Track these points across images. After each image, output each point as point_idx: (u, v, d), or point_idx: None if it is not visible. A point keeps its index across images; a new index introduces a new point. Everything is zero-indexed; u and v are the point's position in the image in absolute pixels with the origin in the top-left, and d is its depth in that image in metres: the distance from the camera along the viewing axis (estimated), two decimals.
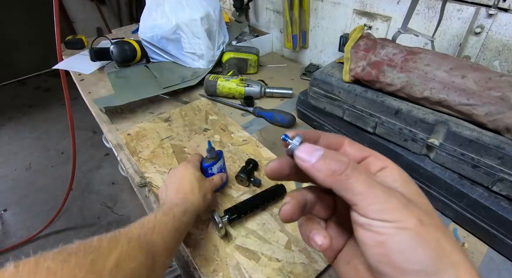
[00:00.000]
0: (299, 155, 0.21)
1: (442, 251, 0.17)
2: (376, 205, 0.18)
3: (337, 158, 0.20)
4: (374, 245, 0.18)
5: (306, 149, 0.21)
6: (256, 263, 0.49)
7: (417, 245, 0.17)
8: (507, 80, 0.47)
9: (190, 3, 0.96)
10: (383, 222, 0.18)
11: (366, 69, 0.59)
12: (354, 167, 0.20)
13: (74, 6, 2.99)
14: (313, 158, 0.21)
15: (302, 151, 0.21)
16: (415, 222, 0.18)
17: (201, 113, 0.85)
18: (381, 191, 0.19)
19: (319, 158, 0.20)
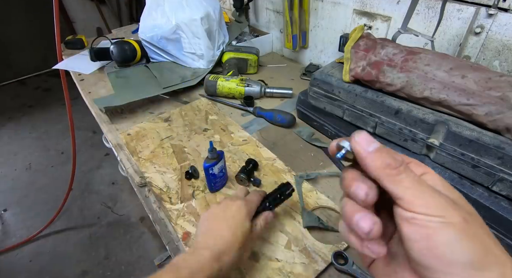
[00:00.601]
0: (358, 140, 0.22)
1: (487, 248, 0.18)
2: (422, 200, 0.19)
3: (391, 154, 0.21)
4: (419, 239, 0.18)
5: (365, 137, 0.22)
6: (256, 263, 0.49)
7: (462, 239, 0.17)
8: (507, 80, 0.47)
9: (190, 3, 0.96)
10: (429, 216, 0.18)
11: (366, 69, 0.59)
12: (406, 166, 0.21)
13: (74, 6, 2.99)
14: (370, 147, 0.21)
15: (361, 138, 0.22)
16: (459, 219, 0.18)
17: (201, 113, 0.85)
18: (428, 189, 0.19)
19: (376, 149, 0.21)
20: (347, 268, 0.48)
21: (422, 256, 0.19)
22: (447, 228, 0.18)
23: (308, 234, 0.53)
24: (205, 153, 0.70)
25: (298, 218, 0.56)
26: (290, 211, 0.57)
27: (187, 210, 0.58)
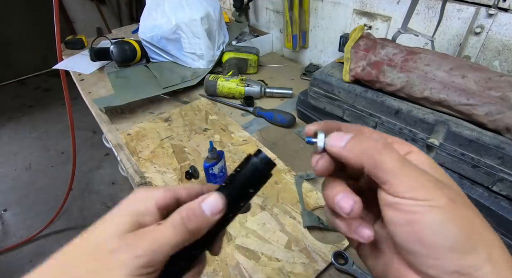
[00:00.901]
0: (330, 142, 0.21)
1: (474, 229, 0.17)
2: (406, 183, 0.18)
3: (367, 139, 0.20)
4: (404, 224, 0.18)
5: (336, 136, 0.21)
6: (256, 263, 0.49)
7: (448, 222, 0.17)
8: (507, 80, 0.47)
9: (190, 3, 0.96)
10: (413, 200, 0.17)
11: (366, 69, 0.59)
12: (386, 144, 0.20)
13: (74, 6, 2.99)
14: (342, 142, 0.21)
15: (332, 139, 0.21)
16: (446, 201, 0.17)
17: (201, 113, 0.85)
18: (412, 170, 0.18)
19: (350, 139, 0.21)
20: (347, 268, 0.48)
21: (406, 241, 0.18)
22: (433, 212, 0.17)
23: (308, 234, 0.53)
24: (205, 152, 0.70)
25: (298, 218, 0.56)
26: (290, 211, 0.57)
27: None
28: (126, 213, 0.22)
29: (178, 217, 0.22)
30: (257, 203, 0.59)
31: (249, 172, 0.24)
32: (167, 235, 0.21)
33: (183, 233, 0.21)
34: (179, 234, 0.21)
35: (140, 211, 0.22)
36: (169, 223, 0.22)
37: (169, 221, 0.22)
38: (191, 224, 0.22)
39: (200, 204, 0.23)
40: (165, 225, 0.22)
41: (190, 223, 0.22)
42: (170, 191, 0.24)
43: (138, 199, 0.23)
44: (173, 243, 0.21)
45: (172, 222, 0.22)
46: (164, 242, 0.21)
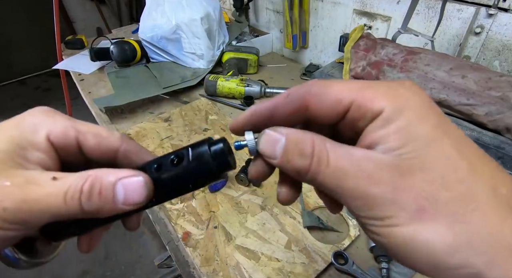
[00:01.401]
0: (263, 152, 0.18)
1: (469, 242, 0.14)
2: (356, 201, 0.15)
3: (299, 150, 0.17)
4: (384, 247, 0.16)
5: (266, 142, 0.18)
6: (256, 263, 0.49)
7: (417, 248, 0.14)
8: (507, 80, 0.47)
9: (190, 3, 0.96)
10: (372, 220, 0.15)
11: (366, 69, 0.59)
12: (320, 154, 0.16)
13: (74, 6, 2.99)
14: (277, 153, 0.17)
15: (264, 147, 0.18)
16: (409, 214, 0.14)
17: (201, 113, 0.85)
18: (356, 183, 0.15)
19: (282, 153, 0.17)
20: (347, 268, 0.48)
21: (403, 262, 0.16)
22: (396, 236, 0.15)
23: (308, 234, 0.53)
24: None
25: (298, 218, 0.56)
26: (290, 211, 0.57)
27: (187, 210, 0.58)
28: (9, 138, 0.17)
29: (76, 189, 0.16)
30: (257, 203, 0.59)
31: (196, 164, 0.19)
32: (53, 202, 0.16)
33: (75, 210, 0.16)
34: (70, 209, 0.16)
35: (28, 142, 0.17)
36: (61, 190, 0.16)
37: (62, 187, 0.16)
38: (90, 206, 0.17)
39: (115, 185, 0.17)
40: (56, 189, 0.16)
41: (89, 204, 0.17)
42: (73, 129, 0.19)
43: (30, 124, 0.18)
44: (56, 213, 0.16)
45: (66, 191, 0.16)
46: (45, 208, 0.16)
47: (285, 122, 0.19)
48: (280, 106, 0.19)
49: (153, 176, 0.18)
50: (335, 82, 0.17)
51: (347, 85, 0.17)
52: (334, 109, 0.17)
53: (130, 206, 0.17)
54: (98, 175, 0.17)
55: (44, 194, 0.16)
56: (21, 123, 0.18)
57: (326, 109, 0.17)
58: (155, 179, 0.18)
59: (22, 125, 0.18)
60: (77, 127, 0.19)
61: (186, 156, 0.19)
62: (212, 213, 0.57)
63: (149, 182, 0.18)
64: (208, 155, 0.19)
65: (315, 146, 0.16)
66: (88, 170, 0.17)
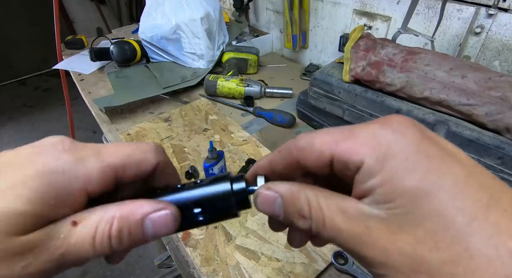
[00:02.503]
0: (263, 212, 0.18)
1: None
2: (356, 258, 0.16)
3: (298, 211, 0.17)
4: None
5: (264, 202, 0.18)
6: (256, 263, 0.49)
7: None
8: (507, 80, 0.47)
9: (190, 3, 0.96)
10: (376, 275, 0.15)
11: (366, 69, 0.59)
12: (316, 215, 0.16)
13: (74, 6, 2.99)
14: (276, 212, 0.18)
15: (262, 207, 0.18)
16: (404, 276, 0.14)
17: (201, 113, 0.85)
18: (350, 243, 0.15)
19: (283, 214, 0.17)
20: (347, 268, 0.48)
21: None
22: None
23: None
24: (205, 153, 0.70)
25: None
26: None
27: None
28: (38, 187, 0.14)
29: (105, 235, 0.15)
30: None
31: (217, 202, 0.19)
32: (80, 251, 0.15)
33: (105, 252, 0.16)
34: (100, 252, 0.16)
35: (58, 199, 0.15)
36: (87, 237, 0.15)
37: (88, 233, 0.15)
38: (120, 246, 0.16)
39: (143, 222, 0.16)
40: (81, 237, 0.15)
41: (120, 245, 0.16)
42: (110, 171, 0.17)
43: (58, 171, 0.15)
44: (85, 258, 0.16)
45: (93, 237, 0.15)
46: (73, 259, 0.15)
47: (284, 175, 0.19)
48: (274, 163, 0.19)
49: (178, 205, 0.19)
50: (319, 133, 0.17)
51: (328, 136, 0.16)
52: (319, 162, 0.17)
53: (159, 237, 0.18)
54: (123, 215, 0.16)
55: (69, 245, 0.15)
56: (45, 171, 0.15)
57: (313, 163, 0.17)
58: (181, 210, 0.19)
59: (47, 174, 0.15)
60: (112, 164, 0.17)
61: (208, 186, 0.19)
62: None
63: (177, 214, 0.18)
64: (229, 193, 0.19)
65: (311, 204, 0.16)
66: (109, 207, 0.16)
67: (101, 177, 0.16)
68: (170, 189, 0.19)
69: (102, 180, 0.16)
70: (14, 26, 2.85)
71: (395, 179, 0.14)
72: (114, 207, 0.16)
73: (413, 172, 0.14)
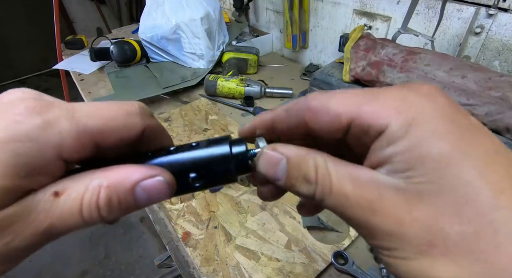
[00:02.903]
0: (264, 173, 0.17)
1: None
2: (360, 229, 0.15)
3: (303, 175, 0.15)
4: None
5: (266, 163, 0.17)
6: (256, 263, 0.49)
7: None
8: (507, 80, 0.47)
9: (190, 3, 0.96)
10: (379, 248, 0.14)
11: (366, 69, 0.59)
12: (323, 180, 0.15)
13: (74, 6, 2.99)
14: (279, 175, 0.16)
15: (264, 168, 0.17)
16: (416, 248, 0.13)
17: (201, 113, 0.85)
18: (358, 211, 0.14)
19: (285, 177, 0.16)
20: (347, 268, 0.48)
21: None
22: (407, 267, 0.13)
23: (308, 234, 0.53)
24: None
25: (298, 218, 0.56)
26: (290, 211, 0.57)
27: (187, 210, 0.58)
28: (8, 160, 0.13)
29: (92, 207, 0.14)
30: (257, 203, 0.59)
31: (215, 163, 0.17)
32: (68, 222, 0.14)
33: (96, 221, 0.15)
34: (90, 222, 0.14)
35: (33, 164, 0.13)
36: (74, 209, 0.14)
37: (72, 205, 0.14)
38: (112, 215, 0.15)
39: (133, 190, 0.15)
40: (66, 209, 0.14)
41: (111, 214, 0.15)
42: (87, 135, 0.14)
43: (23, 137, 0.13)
44: (75, 228, 0.15)
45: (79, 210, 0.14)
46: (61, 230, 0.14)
47: (287, 136, 0.18)
48: (278, 121, 0.18)
49: (172, 168, 0.17)
50: (336, 95, 0.15)
51: (347, 98, 0.15)
52: (334, 126, 0.15)
53: (153, 204, 0.16)
54: (111, 184, 0.14)
55: (54, 217, 0.14)
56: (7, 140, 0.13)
57: (326, 126, 0.16)
58: (174, 171, 0.17)
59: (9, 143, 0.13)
60: (89, 129, 0.14)
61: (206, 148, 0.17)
62: (212, 213, 0.57)
63: (171, 180, 0.16)
64: (229, 156, 0.17)
65: (318, 169, 0.15)
66: (94, 174, 0.15)
67: (76, 143, 0.14)
68: (163, 152, 0.17)
69: (78, 146, 0.14)
70: (14, 26, 2.85)
71: (420, 146, 0.13)
72: (100, 173, 0.15)
73: (442, 139, 0.13)
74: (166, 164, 0.17)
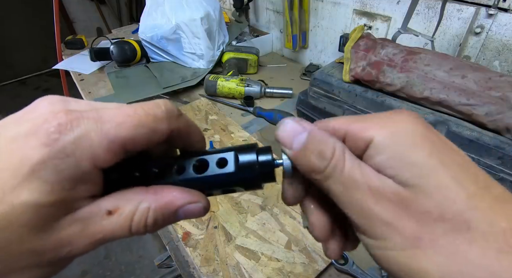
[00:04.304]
0: (279, 137, 0.18)
1: None
2: (358, 214, 0.16)
3: (319, 150, 0.16)
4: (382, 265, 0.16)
5: (289, 128, 0.18)
6: (256, 263, 0.49)
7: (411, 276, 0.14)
8: (507, 80, 0.47)
9: (190, 3, 0.96)
10: (368, 238, 0.16)
11: (366, 69, 0.59)
12: (338, 160, 0.16)
13: (74, 6, 2.99)
14: (294, 144, 0.17)
15: (283, 130, 0.18)
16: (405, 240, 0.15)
17: (201, 113, 0.85)
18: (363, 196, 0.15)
19: (301, 145, 0.17)
20: (347, 268, 0.48)
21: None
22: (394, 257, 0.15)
23: (308, 234, 0.53)
24: None
25: (298, 218, 0.56)
26: (290, 211, 0.57)
27: None
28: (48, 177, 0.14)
29: (141, 225, 0.16)
30: (257, 203, 0.59)
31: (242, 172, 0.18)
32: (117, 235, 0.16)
33: (138, 234, 0.17)
34: (133, 234, 0.17)
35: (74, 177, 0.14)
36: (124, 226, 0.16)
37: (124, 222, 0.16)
38: (154, 229, 0.17)
39: (176, 212, 0.17)
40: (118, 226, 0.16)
41: (153, 228, 0.17)
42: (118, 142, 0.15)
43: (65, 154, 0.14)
44: (120, 238, 0.17)
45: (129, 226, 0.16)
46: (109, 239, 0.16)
47: None
48: None
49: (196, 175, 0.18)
50: (333, 118, 0.18)
51: (343, 119, 0.18)
52: None
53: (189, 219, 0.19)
54: (158, 208, 0.17)
55: (107, 231, 0.16)
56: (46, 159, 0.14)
57: None
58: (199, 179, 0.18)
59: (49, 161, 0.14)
60: (118, 140, 0.15)
61: (233, 162, 0.18)
62: (212, 213, 0.57)
63: (208, 205, 0.19)
64: (256, 164, 0.18)
65: (336, 150, 0.16)
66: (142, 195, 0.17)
67: (107, 153, 0.15)
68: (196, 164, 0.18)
69: (110, 155, 0.15)
70: (14, 26, 2.85)
71: (403, 153, 0.15)
72: (148, 196, 0.17)
73: (420, 150, 0.15)
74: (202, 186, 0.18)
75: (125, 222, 0.16)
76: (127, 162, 0.17)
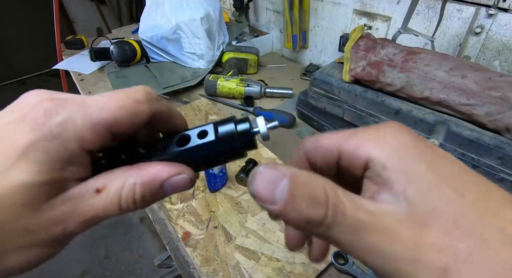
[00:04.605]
0: (256, 193, 0.15)
1: None
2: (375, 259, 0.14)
3: (310, 195, 0.14)
4: None
5: (265, 179, 0.15)
6: (256, 263, 0.49)
7: None
8: (507, 80, 0.47)
9: (190, 3, 0.96)
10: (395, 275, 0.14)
11: (366, 69, 0.59)
12: (335, 202, 0.14)
13: (74, 6, 2.99)
14: (276, 197, 0.14)
15: (258, 184, 0.15)
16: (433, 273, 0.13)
17: (201, 113, 0.85)
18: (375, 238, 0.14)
19: (286, 196, 0.14)
20: (347, 268, 0.48)
21: None
22: None
23: None
24: None
25: None
26: None
27: (187, 210, 0.58)
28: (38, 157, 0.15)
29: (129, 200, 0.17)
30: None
31: (223, 142, 0.19)
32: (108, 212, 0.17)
33: (128, 210, 0.17)
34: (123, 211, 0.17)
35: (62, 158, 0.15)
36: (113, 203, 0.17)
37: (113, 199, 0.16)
38: (143, 204, 0.18)
39: (162, 185, 0.17)
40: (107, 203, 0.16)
41: (142, 203, 0.17)
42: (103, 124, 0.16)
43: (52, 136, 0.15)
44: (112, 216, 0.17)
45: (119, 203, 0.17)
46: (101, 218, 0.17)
47: None
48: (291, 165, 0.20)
49: (180, 148, 0.19)
50: (323, 135, 0.18)
51: (333, 136, 0.17)
52: (327, 159, 0.17)
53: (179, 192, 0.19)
54: (144, 182, 0.17)
55: (98, 209, 0.16)
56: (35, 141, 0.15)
57: (321, 159, 0.18)
58: (183, 151, 0.19)
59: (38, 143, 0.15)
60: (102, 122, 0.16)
61: (213, 132, 0.19)
62: (212, 213, 0.57)
63: (193, 175, 0.19)
64: (234, 132, 0.19)
65: (328, 191, 0.14)
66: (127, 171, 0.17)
67: (93, 135, 0.16)
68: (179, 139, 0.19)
69: (95, 137, 0.16)
70: (14, 26, 2.84)
71: (407, 168, 0.14)
72: (133, 172, 0.17)
73: (420, 162, 0.14)
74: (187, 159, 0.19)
75: (113, 199, 0.17)
76: (115, 149, 0.19)
